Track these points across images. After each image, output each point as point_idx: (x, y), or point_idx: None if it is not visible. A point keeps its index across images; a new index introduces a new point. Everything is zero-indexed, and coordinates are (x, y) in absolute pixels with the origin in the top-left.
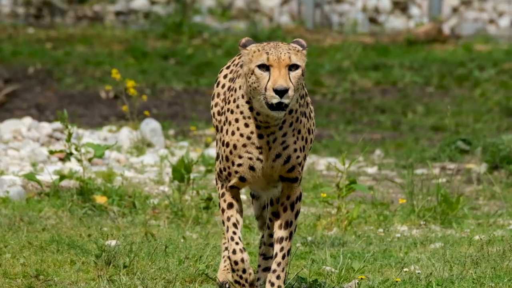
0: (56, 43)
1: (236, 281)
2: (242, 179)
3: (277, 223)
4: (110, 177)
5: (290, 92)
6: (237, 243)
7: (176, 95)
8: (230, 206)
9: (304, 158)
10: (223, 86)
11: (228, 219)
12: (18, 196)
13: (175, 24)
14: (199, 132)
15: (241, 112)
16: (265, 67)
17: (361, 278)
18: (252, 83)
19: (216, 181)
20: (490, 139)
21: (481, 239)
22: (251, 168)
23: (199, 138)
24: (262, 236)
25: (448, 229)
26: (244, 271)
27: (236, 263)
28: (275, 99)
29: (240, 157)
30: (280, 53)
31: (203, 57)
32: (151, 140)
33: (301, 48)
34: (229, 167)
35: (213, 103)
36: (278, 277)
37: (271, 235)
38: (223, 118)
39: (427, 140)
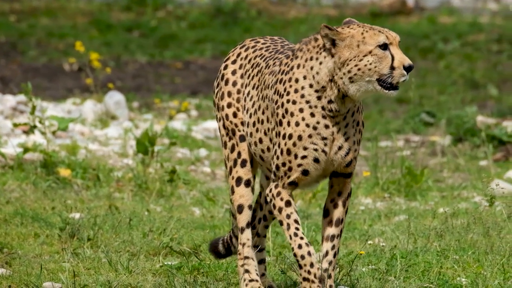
0: (20, 15)
1: (304, 279)
2: (305, 172)
3: (326, 220)
4: (74, 150)
5: None
6: (302, 238)
7: (140, 67)
8: (288, 204)
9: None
10: (234, 84)
11: (288, 216)
12: None
13: None
14: (163, 104)
15: (307, 102)
16: (383, 47)
17: None
18: (366, 64)
19: (232, 188)
20: (454, 111)
21: (445, 211)
22: (316, 160)
23: (163, 111)
24: (254, 227)
25: (412, 202)
26: (312, 265)
27: (303, 257)
28: (403, 77)
29: (305, 148)
30: (389, 32)
31: (167, 29)
32: (115, 112)
33: None
34: (290, 161)
35: (223, 103)
36: (329, 276)
37: (266, 226)
38: (280, 111)
39: (391, 112)
